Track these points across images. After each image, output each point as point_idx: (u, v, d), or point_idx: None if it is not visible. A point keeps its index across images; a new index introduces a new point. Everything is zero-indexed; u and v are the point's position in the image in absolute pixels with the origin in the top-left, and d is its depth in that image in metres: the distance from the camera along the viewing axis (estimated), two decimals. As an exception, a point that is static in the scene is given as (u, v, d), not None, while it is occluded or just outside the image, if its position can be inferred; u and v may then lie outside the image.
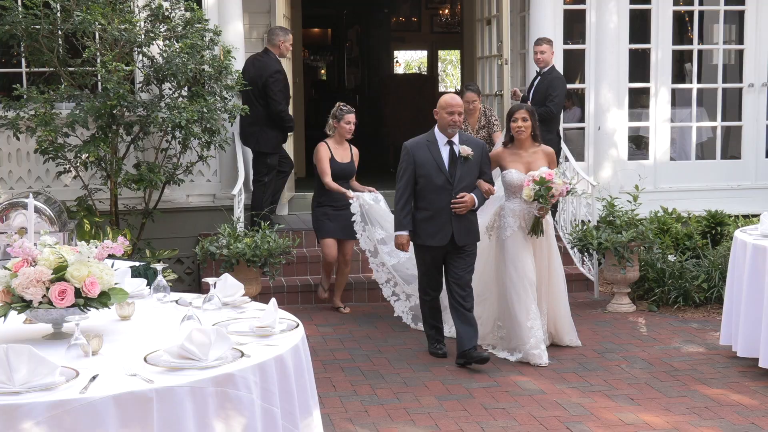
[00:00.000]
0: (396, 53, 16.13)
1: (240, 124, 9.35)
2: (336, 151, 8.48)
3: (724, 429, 5.58)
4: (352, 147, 8.74)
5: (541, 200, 6.60)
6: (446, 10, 15.01)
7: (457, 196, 6.64)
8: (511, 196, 6.99)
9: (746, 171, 10.33)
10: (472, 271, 6.95)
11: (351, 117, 8.54)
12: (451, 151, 6.76)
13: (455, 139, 6.78)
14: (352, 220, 8.14)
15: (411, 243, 6.92)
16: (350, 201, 8.19)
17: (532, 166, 6.84)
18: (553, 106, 8.92)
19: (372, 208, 8.17)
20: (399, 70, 15.80)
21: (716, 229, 9.27)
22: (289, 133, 9.80)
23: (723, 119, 10.67)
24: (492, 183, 6.99)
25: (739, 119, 10.54)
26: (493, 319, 7.37)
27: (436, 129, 6.87)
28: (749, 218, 8.72)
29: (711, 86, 10.67)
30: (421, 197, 6.80)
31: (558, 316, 7.35)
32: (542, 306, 7.13)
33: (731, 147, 10.92)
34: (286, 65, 10.31)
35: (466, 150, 6.70)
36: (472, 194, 6.70)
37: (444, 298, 7.23)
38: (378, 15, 14.43)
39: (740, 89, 10.54)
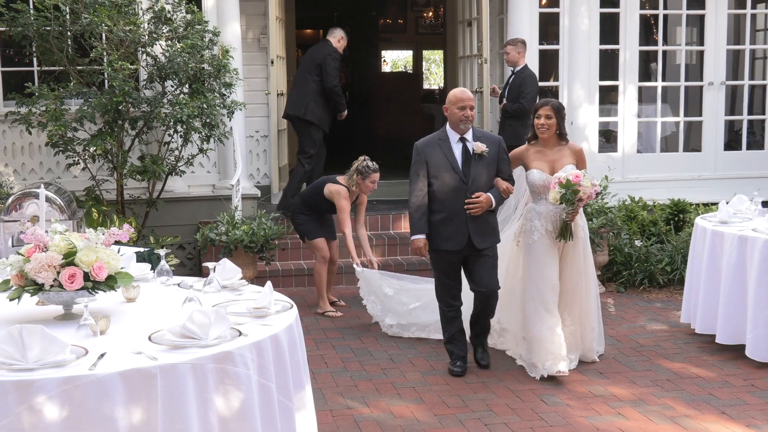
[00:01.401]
0: (383, 53, 16.10)
1: (290, 98, 9.71)
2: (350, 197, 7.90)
3: (684, 399, 5.65)
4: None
5: (567, 204, 5.74)
6: (430, 13, 15.01)
7: (473, 196, 5.87)
8: (536, 197, 6.09)
9: (706, 163, 10.39)
10: (495, 275, 6.12)
11: (376, 176, 7.79)
12: (464, 149, 5.95)
13: (468, 135, 5.99)
14: (358, 286, 7.51)
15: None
16: (354, 266, 7.62)
17: (557, 165, 6.00)
18: (525, 102, 8.92)
19: (379, 289, 7.32)
20: (386, 68, 15.76)
21: (679, 216, 9.34)
22: (339, 116, 9.90)
23: (685, 115, 10.70)
24: (512, 181, 6.14)
25: (700, 115, 10.58)
26: (517, 331, 6.51)
27: (447, 126, 6.05)
28: (709, 206, 8.78)
29: (674, 84, 10.69)
30: (434, 199, 5.98)
31: (586, 329, 6.37)
32: (572, 315, 6.25)
33: (693, 140, 10.96)
34: (281, 65, 10.31)
35: (480, 147, 5.88)
36: (488, 194, 5.90)
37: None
38: (367, 17, 14.40)
39: (701, 87, 10.58)
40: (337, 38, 9.56)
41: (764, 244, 6.24)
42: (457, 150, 5.95)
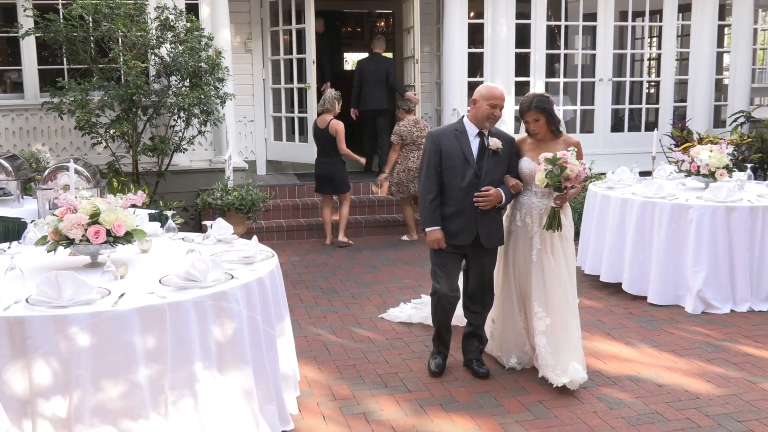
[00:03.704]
0: (345, 55, 16.00)
1: (364, 97, 10.34)
2: None
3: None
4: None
5: (553, 182, 4.42)
6: (382, 22, 14.95)
7: (482, 189, 4.61)
8: (524, 187, 4.80)
9: (597, 142, 10.48)
10: (491, 274, 4.92)
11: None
12: (482, 143, 4.68)
13: (485, 131, 4.75)
14: None
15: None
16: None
17: None
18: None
19: None
20: (348, 67, 15.71)
21: (576, 184, 9.42)
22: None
23: (581, 104, 10.79)
24: (520, 180, 4.83)
25: (593, 104, 10.67)
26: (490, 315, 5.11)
27: (465, 119, 4.78)
28: (599, 176, 8.88)
29: (572, 80, 10.75)
30: (444, 191, 4.68)
31: (564, 328, 4.69)
32: (550, 310, 4.70)
33: (587, 124, 11.06)
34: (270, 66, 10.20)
35: (496, 143, 4.66)
36: (498, 189, 4.65)
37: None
38: (332, 27, 14.35)
39: (593, 83, 10.67)
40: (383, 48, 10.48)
41: (640, 205, 6.37)
42: (475, 144, 4.69)
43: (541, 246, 4.71)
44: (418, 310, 6.00)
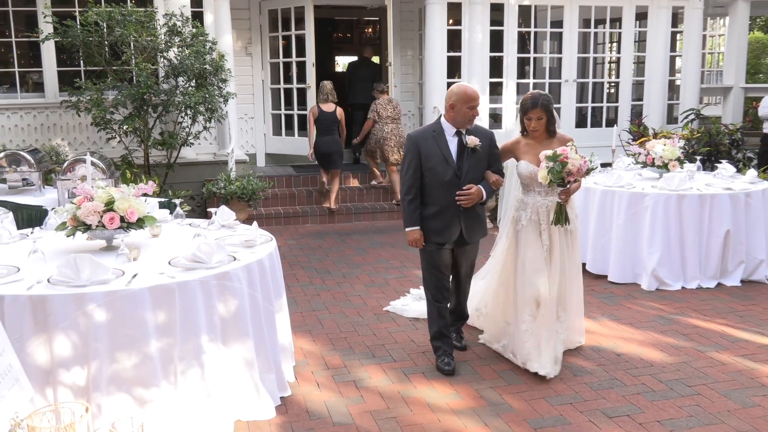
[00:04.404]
0: (337, 58, 15.92)
1: (354, 93, 10.59)
2: None
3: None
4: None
5: (555, 177, 4.12)
6: (370, 29, 14.87)
7: (464, 188, 4.27)
8: (525, 188, 4.51)
9: (563, 136, 10.48)
10: (473, 264, 4.66)
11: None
12: (460, 142, 4.31)
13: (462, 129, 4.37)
14: None
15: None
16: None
17: None
18: None
19: None
20: (339, 69, 15.64)
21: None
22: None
23: (549, 103, 10.80)
24: (502, 174, 4.50)
25: (559, 103, 10.65)
26: (497, 315, 4.82)
27: (443, 119, 4.35)
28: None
29: (541, 81, 10.74)
30: (426, 192, 4.33)
31: (570, 315, 4.62)
32: (563, 306, 4.50)
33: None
34: (269, 68, 10.11)
35: (474, 141, 4.28)
36: (479, 186, 4.30)
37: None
38: (324, 32, 14.27)
39: (560, 83, 10.67)
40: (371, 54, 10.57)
41: (601, 193, 6.40)
42: (453, 144, 4.31)
43: (550, 243, 4.39)
44: (419, 302, 5.62)
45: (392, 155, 9.26)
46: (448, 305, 4.63)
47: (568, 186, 4.22)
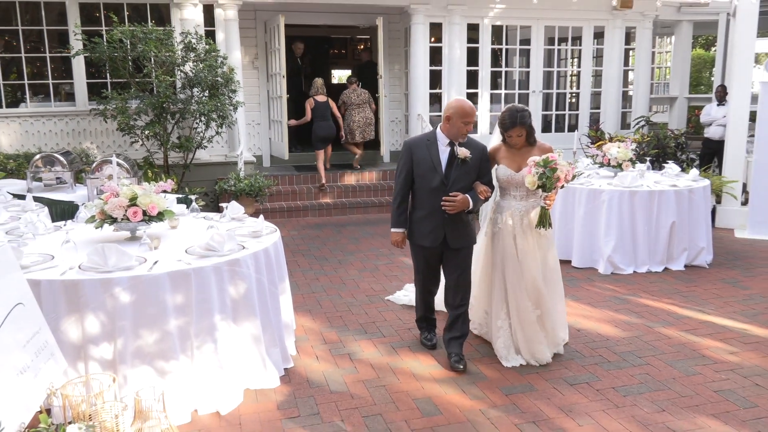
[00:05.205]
0: (333, 71, 15.86)
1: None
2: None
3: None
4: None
5: (546, 182, 3.82)
6: (362, 46, 14.81)
7: (450, 194, 3.95)
8: (502, 192, 4.20)
9: (531, 140, 10.50)
10: (464, 273, 4.12)
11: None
12: (451, 153, 4.00)
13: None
14: None
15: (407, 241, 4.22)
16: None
17: (522, 163, 4.05)
18: None
19: None
20: (335, 81, 15.58)
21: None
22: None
23: (519, 111, 10.80)
24: (491, 186, 4.11)
25: (528, 111, 10.68)
26: (479, 305, 4.50)
27: (438, 130, 4.05)
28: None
29: (511, 92, 10.74)
30: (416, 196, 4.08)
31: (551, 312, 4.19)
32: (543, 307, 4.14)
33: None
34: (277, 79, 10.05)
35: (464, 152, 3.97)
36: (465, 195, 3.95)
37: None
38: (322, 49, 14.18)
39: (528, 93, 10.69)
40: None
41: (564, 190, 6.38)
42: (444, 154, 4.01)
43: (522, 245, 4.06)
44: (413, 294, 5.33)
45: (357, 136, 9.87)
46: (448, 319, 4.23)
47: (554, 191, 3.90)
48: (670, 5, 11.73)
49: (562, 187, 3.93)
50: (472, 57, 10.28)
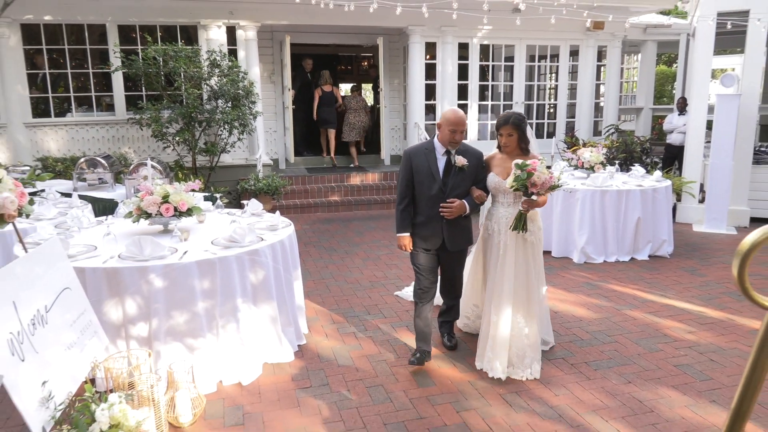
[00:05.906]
0: (340, 85, 15.84)
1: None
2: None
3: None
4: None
5: (518, 184, 3.48)
6: (365, 62, 14.79)
7: (447, 201, 3.69)
8: (493, 199, 3.86)
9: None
10: (459, 270, 3.95)
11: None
12: (448, 161, 3.72)
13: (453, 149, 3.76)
14: None
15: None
16: None
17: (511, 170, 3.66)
18: None
19: None
20: (342, 93, 15.59)
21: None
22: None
23: (503, 120, 10.76)
24: (487, 191, 3.80)
25: (511, 120, 10.66)
26: (467, 299, 4.26)
27: (435, 138, 3.78)
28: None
29: (497, 103, 10.71)
30: (417, 202, 3.77)
31: (536, 323, 3.72)
32: (527, 313, 3.69)
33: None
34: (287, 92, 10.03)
35: (461, 160, 3.70)
36: (462, 200, 3.70)
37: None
38: (331, 65, 14.17)
39: (511, 105, 10.65)
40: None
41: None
42: (442, 161, 3.73)
43: (507, 250, 3.70)
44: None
45: (351, 134, 10.31)
46: (442, 306, 4.12)
47: (531, 196, 3.54)
48: (637, 27, 11.70)
49: (539, 193, 3.53)
50: (463, 72, 10.26)
